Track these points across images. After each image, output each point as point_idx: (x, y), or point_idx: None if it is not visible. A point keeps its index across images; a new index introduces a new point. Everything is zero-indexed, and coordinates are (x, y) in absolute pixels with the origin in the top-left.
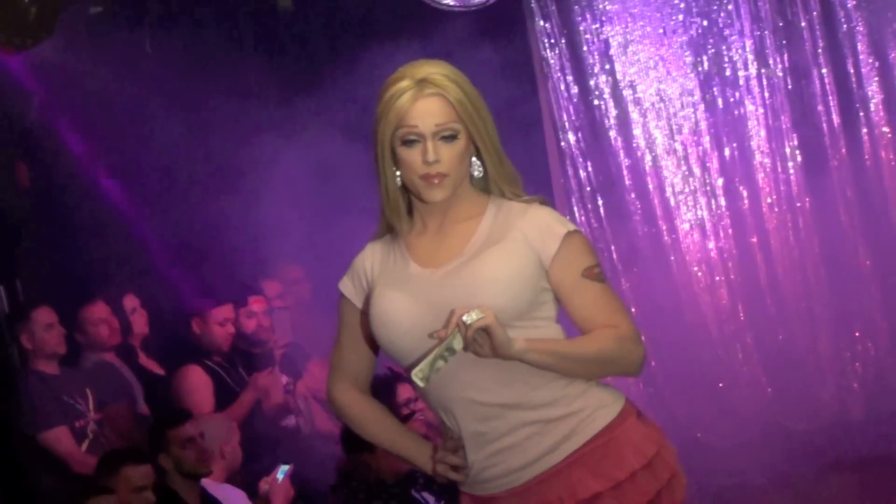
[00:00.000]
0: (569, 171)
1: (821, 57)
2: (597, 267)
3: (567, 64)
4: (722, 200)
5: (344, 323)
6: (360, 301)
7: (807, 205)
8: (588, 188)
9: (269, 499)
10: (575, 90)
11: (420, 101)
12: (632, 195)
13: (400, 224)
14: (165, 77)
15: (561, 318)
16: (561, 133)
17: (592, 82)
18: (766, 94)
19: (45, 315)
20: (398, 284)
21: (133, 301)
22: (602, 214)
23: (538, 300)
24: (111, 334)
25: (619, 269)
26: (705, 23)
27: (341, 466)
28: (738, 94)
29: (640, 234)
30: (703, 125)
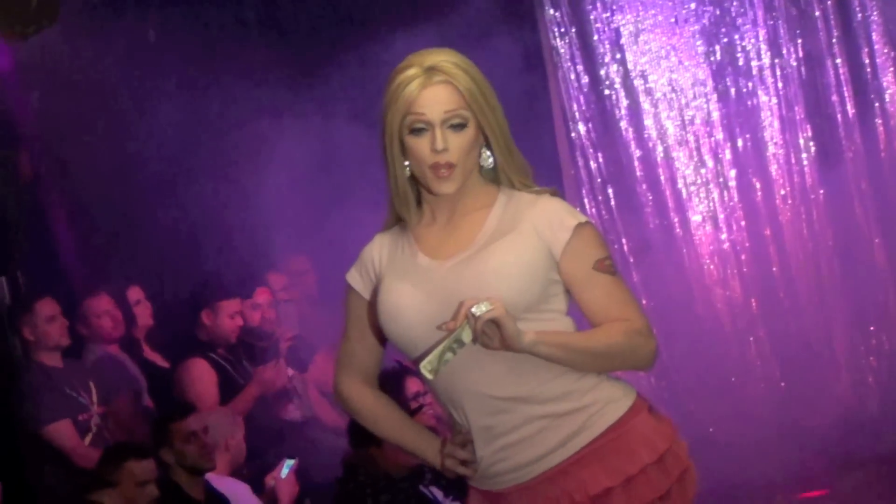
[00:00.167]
0: (579, 162)
1: (835, 47)
2: (608, 259)
3: (577, 53)
4: (734, 192)
5: (351, 315)
6: (368, 293)
7: (820, 197)
8: (598, 179)
9: (275, 494)
10: (585, 80)
11: (428, 89)
12: (643, 186)
13: (409, 215)
14: (169, 65)
15: (572, 312)
16: (571, 123)
17: (603, 72)
18: (780, 85)
19: (48, 307)
20: (406, 276)
21: (137, 293)
22: (613, 206)
23: (548, 292)
24: (115, 326)
25: (630, 262)
26: (718, 12)
27: (348, 460)
28: (752, 85)
29: (652, 227)
30: (716, 116)
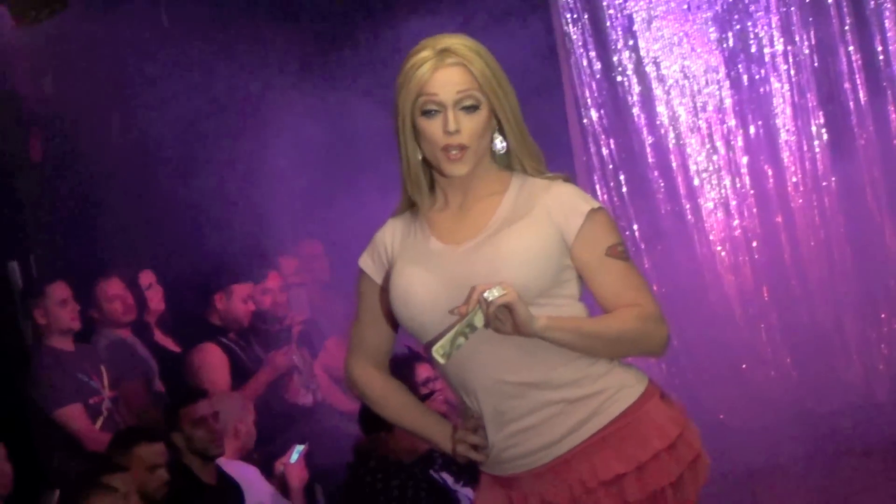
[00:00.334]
0: (591, 149)
1: (848, 34)
2: (621, 245)
3: (590, 40)
4: (746, 179)
5: (363, 300)
6: (380, 277)
7: (832, 184)
8: (610, 165)
9: (285, 479)
10: (598, 66)
11: (441, 71)
12: (655, 173)
13: (421, 199)
14: (182, 49)
15: (584, 298)
16: (583, 110)
17: (616, 58)
18: (792, 72)
19: (60, 291)
20: (419, 260)
21: (149, 277)
22: (624, 192)
23: (561, 278)
24: (126, 311)
25: (642, 248)
26: None
27: (359, 446)
28: (764, 72)
29: (663, 213)
30: (728, 102)
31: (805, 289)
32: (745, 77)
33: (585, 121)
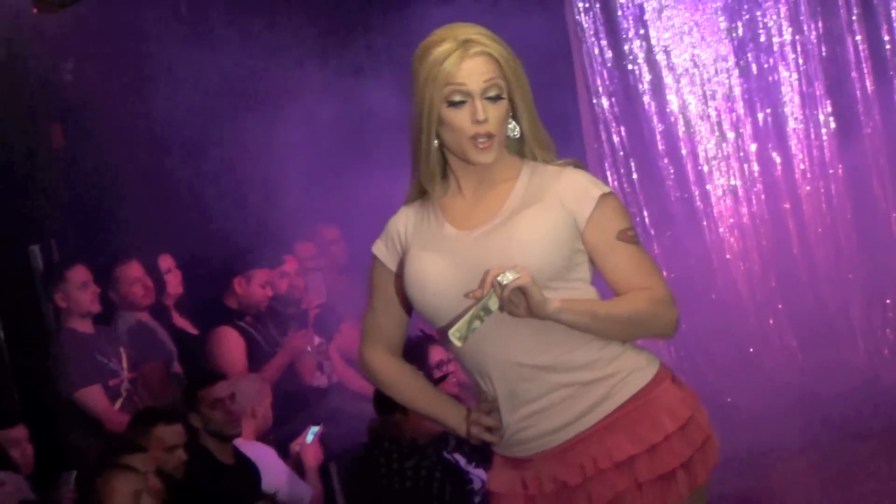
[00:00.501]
0: (602, 136)
1: (855, 24)
2: (631, 229)
3: (601, 29)
4: (755, 166)
5: (376, 286)
6: (394, 264)
7: (839, 171)
8: (621, 152)
9: (301, 460)
10: (609, 55)
11: (467, 61)
12: (665, 160)
13: (434, 187)
14: (200, 37)
15: (596, 282)
16: (595, 98)
17: (627, 47)
18: (801, 61)
19: (80, 274)
20: (433, 246)
21: (168, 261)
22: (635, 179)
23: (573, 261)
24: (145, 294)
25: (652, 234)
26: None
27: (373, 427)
28: (772, 61)
29: (673, 199)
30: (737, 91)
31: (812, 274)
32: (754, 66)
33: (597, 109)
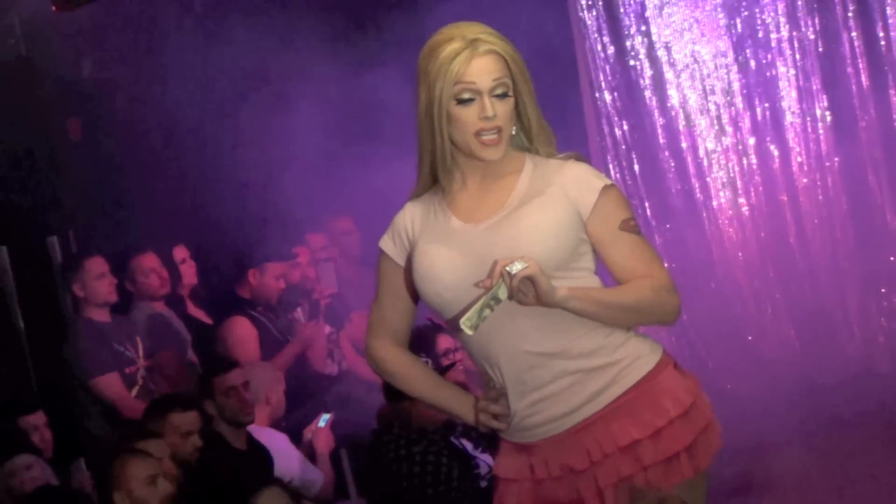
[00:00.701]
0: (605, 130)
1: (851, 21)
2: (633, 220)
3: (604, 25)
4: (753, 159)
5: (384, 280)
6: (401, 258)
7: (835, 164)
8: (623, 146)
9: (312, 446)
10: (611, 51)
11: (476, 60)
12: (666, 153)
13: (451, 183)
14: (214, 32)
15: (598, 271)
16: (598, 93)
17: (629, 44)
18: (798, 57)
19: (97, 265)
20: (441, 239)
21: (182, 252)
22: (637, 172)
23: (577, 251)
24: (161, 284)
25: (653, 225)
26: None
27: (382, 413)
28: (770, 56)
29: (674, 192)
30: (736, 86)
31: (809, 264)
32: (753, 62)
33: (600, 103)
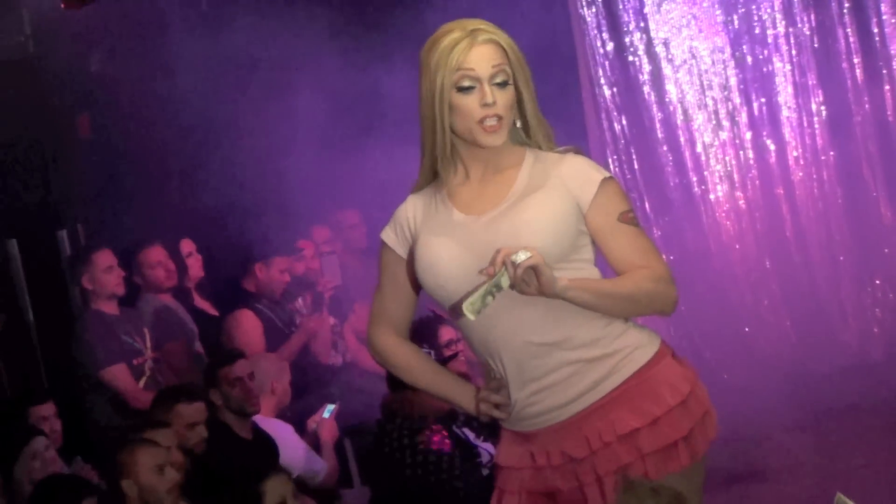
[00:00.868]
0: (604, 125)
1: (846, 17)
2: (631, 212)
3: (603, 22)
4: (750, 153)
5: (385, 271)
6: (403, 251)
7: (831, 158)
8: (622, 141)
9: (317, 435)
10: (611, 47)
11: (476, 48)
12: (664, 148)
13: (450, 174)
14: (223, 28)
15: (597, 262)
16: (597, 88)
17: (627, 40)
18: (794, 52)
19: (105, 258)
20: (444, 231)
21: (189, 245)
22: (636, 166)
23: (577, 243)
24: (168, 277)
25: (652, 218)
26: None
27: (386, 403)
28: (767, 52)
29: (672, 185)
30: (733, 81)
31: (804, 256)
32: (749, 57)
33: (599, 99)
